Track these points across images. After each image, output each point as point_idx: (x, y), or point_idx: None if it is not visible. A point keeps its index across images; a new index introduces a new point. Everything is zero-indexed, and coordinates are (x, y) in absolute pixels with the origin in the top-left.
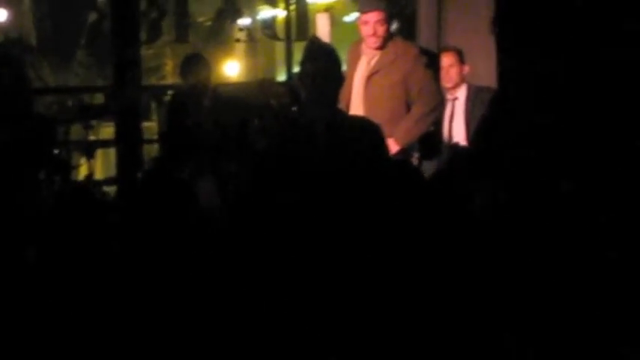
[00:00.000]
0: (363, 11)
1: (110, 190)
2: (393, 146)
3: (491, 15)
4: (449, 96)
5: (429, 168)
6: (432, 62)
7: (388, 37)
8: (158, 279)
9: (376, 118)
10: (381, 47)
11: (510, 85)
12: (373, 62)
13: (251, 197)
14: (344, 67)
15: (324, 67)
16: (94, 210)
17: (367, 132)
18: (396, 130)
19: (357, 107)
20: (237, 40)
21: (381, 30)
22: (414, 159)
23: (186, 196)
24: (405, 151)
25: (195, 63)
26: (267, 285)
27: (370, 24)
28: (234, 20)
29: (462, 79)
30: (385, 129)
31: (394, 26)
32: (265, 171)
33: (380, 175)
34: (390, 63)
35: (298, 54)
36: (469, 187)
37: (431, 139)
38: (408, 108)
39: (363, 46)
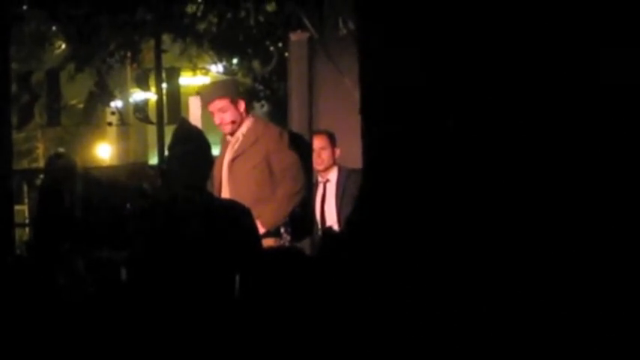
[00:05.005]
0: (204, 104)
1: None
2: (259, 229)
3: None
4: (320, 178)
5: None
6: (303, 144)
7: (241, 120)
8: None
9: (242, 201)
10: (233, 132)
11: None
12: (236, 146)
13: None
14: (214, 150)
15: (192, 149)
16: None
17: (237, 214)
18: (261, 212)
19: (224, 190)
20: (110, 124)
21: (226, 117)
22: (284, 240)
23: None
24: (273, 233)
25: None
26: None
27: (215, 114)
28: (106, 103)
29: (334, 162)
30: (252, 211)
31: (264, 108)
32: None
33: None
34: (251, 145)
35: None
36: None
37: (301, 221)
38: (273, 188)
39: None
